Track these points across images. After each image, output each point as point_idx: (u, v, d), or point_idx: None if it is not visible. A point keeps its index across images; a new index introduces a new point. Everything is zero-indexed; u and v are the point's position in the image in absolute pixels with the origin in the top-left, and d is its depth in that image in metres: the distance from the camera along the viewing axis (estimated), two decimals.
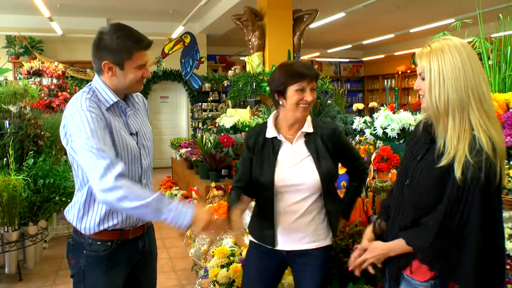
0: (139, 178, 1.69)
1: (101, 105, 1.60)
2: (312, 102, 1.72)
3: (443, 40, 1.35)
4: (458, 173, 1.26)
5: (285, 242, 1.78)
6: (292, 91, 1.69)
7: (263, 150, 1.76)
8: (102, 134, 1.50)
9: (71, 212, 1.67)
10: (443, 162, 1.30)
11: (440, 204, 1.31)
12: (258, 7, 6.37)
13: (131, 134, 1.67)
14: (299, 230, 1.77)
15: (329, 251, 1.85)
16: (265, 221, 1.79)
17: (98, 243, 1.64)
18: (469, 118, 1.29)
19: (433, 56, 1.33)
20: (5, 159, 3.74)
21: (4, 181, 3.34)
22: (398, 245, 1.39)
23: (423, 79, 1.37)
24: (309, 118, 1.81)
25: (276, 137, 1.76)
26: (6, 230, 3.47)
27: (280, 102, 1.74)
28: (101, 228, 1.63)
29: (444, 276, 1.33)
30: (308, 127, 1.77)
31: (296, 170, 1.74)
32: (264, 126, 1.82)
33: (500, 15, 3.01)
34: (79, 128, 1.50)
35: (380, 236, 1.57)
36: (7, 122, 3.96)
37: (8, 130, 3.89)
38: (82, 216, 1.63)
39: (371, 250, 1.44)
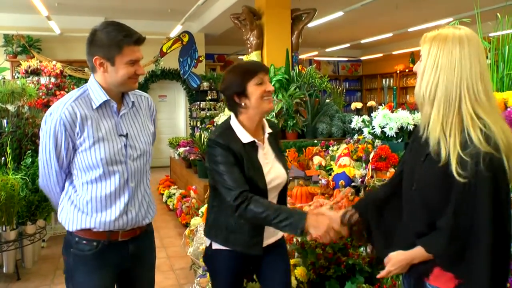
0: (125, 181, 1.65)
1: (92, 103, 1.60)
2: (273, 92, 1.72)
3: (453, 29, 1.32)
4: (454, 169, 1.22)
5: (265, 239, 1.78)
6: (252, 87, 1.68)
7: (246, 155, 1.71)
8: (59, 145, 1.58)
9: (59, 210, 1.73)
10: (442, 161, 1.27)
11: (449, 205, 1.25)
12: (256, 6, 6.36)
13: (120, 135, 1.64)
14: None
15: None
16: (257, 227, 1.73)
17: (84, 242, 1.63)
18: (461, 113, 1.26)
19: (435, 43, 1.30)
20: (3, 158, 3.73)
21: (2, 180, 3.33)
22: (419, 253, 1.34)
23: (421, 61, 1.35)
24: (264, 119, 1.83)
25: (254, 141, 1.74)
26: (4, 229, 3.45)
27: (243, 104, 1.71)
28: (78, 227, 1.63)
29: (468, 283, 1.26)
30: (268, 128, 1.82)
31: (275, 170, 1.78)
32: (230, 131, 1.73)
33: (498, 14, 3.01)
34: (41, 132, 1.61)
35: (349, 227, 1.57)
36: (5, 121, 3.95)
37: (6, 129, 3.88)
38: (65, 214, 1.67)
39: (394, 262, 1.38)
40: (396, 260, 1.38)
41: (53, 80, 6.59)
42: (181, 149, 6.39)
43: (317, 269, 2.32)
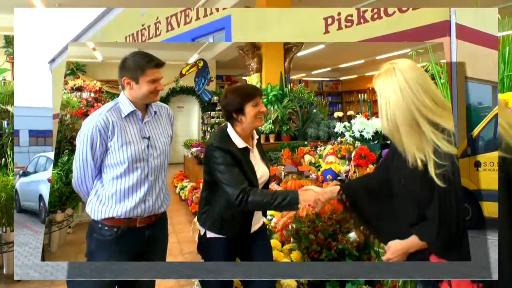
0: (146, 175, 1.60)
1: (121, 113, 1.60)
2: (265, 112, 1.71)
3: (389, 64, 1.25)
4: (433, 175, 1.12)
5: (252, 225, 1.72)
6: (249, 107, 1.64)
7: (242, 157, 1.64)
8: (95, 147, 1.54)
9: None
10: (420, 168, 1.16)
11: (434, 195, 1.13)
12: None
13: (143, 137, 1.61)
14: (258, 212, 1.77)
15: None
16: (246, 215, 1.66)
17: (106, 228, 1.56)
18: (423, 132, 1.16)
19: (381, 81, 1.25)
20: (3, 159, 3.08)
21: (3, 181, 2.74)
22: (414, 242, 1.20)
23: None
24: None
25: (247, 146, 1.67)
26: (4, 230, 2.83)
27: (239, 119, 1.65)
28: (102, 216, 1.55)
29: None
30: (256, 134, 1.78)
31: (261, 169, 1.73)
32: (228, 138, 1.65)
33: (498, 15, 2.58)
34: (79, 137, 1.56)
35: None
36: (5, 122, 3.35)
37: (6, 131, 3.26)
38: (91, 207, 1.60)
39: (392, 250, 1.24)
40: (394, 248, 1.25)
41: (92, 95, 6.44)
42: (194, 149, 6.30)
43: (310, 253, 2.05)
